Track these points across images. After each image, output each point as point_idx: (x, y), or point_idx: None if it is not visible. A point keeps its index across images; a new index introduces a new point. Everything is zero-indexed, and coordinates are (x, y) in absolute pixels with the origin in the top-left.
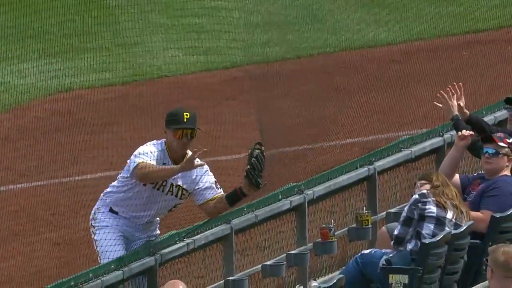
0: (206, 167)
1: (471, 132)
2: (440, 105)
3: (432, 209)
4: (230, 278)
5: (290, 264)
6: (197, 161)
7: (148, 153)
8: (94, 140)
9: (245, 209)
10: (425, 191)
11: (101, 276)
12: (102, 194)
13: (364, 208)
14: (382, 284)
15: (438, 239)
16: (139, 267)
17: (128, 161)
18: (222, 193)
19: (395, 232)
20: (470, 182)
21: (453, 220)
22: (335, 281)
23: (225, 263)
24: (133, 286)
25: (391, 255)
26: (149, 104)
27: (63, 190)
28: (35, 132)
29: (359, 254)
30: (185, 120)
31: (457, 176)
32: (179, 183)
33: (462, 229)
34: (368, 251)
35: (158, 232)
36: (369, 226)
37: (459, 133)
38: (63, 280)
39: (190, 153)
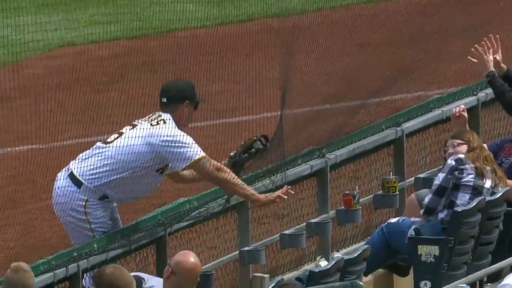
0: None
1: (462, 106)
2: (475, 60)
3: (469, 177)
4: (246, 248)
5: (311, 233)
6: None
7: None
8: (98, 99)
9: (261, 174)
10: (462, 157)
11: (105, 247)
12: (87, 183)
13: (391, 173)
14: (410, 256)
15: (471, 206)
16: (147, 237)
17: (148, 145)
18: None
19: (426, 201)
20: (500, 147)
21: (491, 189)
22: (359, 252)
23: (240, 233)
24: None
25: (420, 224)
26: (158, 60)
27: (64, 153)
28: (34, 90)
29: (385, 223)
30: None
31: (484, 146)
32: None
33: (497, 196)
34: (395, 220)
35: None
36: (396, 193)
37: (451, 112)
38: (65, 251)
39: None
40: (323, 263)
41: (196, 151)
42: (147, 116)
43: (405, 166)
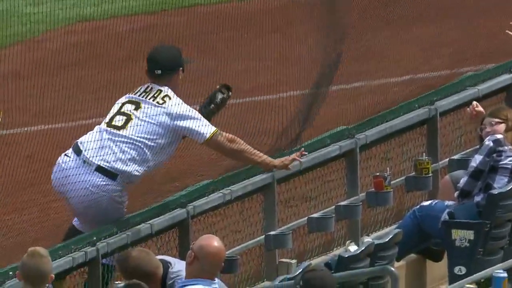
0: None
1: (475, 103)
2: None
3: (508, 160)
4: (272, 232)
5: (340, 217)
6: None
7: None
8: (116, 76)
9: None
10: (500, 137)
11: (127, 230)
12: (121, 174)
13: (424, 154)
14: (444, 240)
15: (508, 189)
16: (169, 221)
17: (168, 121)
18: None
19: (461, 184)
20: None
21: None
22: (390, 236)
23: (266, 216)
24: None
25: (454, 207)
26: (180, 37)
27: (82, 132)
28: (51, 67)
29: (418, 206)
30: None
31: None
32: None
33: None
34: (428, 203)
35: None
36: (429, 174)
37: (467, 113)
38: (84, 234)
39: None
40: (353, 248)
41: (209, 127)
42: (142, 90)
43: (438, 147)
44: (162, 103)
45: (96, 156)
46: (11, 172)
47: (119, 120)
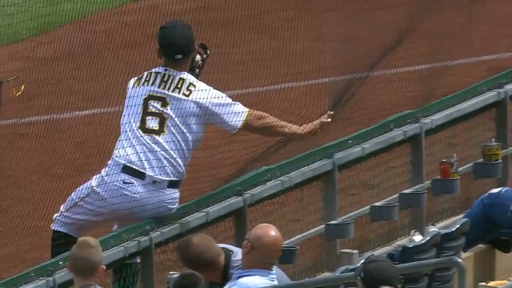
0: None
1: None
2: None
3: None
4: (332, 222)
5: (404, 205)
6: None
7: None
8: None
9: (349, 141)
10: None
11: (180, 219)
12: (181, 179)
13: (493, 139)
14: None
15: None
16: (226, 209)
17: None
18: None
19: None
20: None
21: None
22: (457, 226)
23: (326, 205)
24: None
25: None
26: (235, 16)
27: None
28: (102, 48)
29: (486, 194)
30: None
31: None
32: None
33: None
34: (497, 190)
35: None
36: (499, 160)
37: None
38: (137, 223)
39: None
40: (418, 238)
41: (240, 114)
42: (159, 79)
43: (508, 132)
44: (189, 94)
45: (163, 173)
46: (61, 157)
47: (153, 123)
